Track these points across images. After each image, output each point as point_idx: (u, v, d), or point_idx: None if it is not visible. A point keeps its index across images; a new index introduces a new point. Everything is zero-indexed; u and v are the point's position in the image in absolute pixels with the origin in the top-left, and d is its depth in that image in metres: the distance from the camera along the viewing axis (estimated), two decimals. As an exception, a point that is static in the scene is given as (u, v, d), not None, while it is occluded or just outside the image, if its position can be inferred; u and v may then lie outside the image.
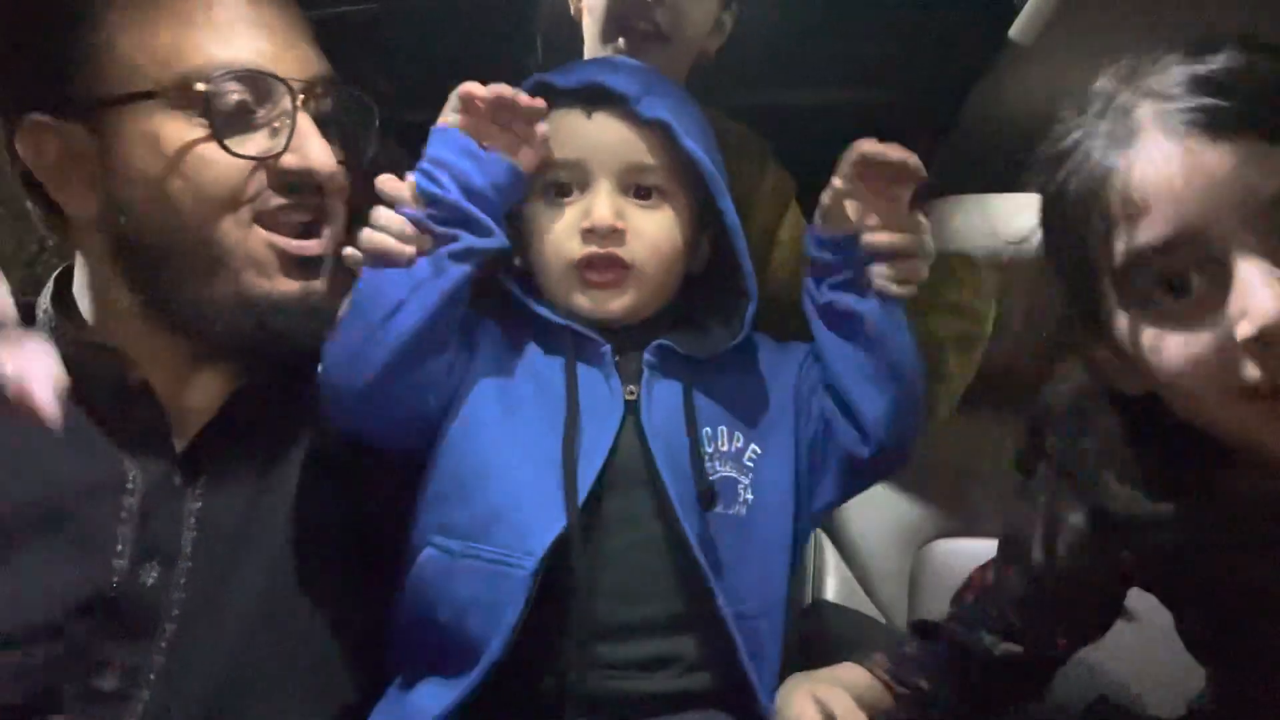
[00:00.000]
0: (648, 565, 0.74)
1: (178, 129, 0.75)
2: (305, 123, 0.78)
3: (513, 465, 0.75)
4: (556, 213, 0.82)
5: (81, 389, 0.77)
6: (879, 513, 1.33)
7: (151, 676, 0.71)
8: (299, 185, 0.78)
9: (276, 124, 0.77)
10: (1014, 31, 1.17)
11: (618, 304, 0.81)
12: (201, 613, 0.74)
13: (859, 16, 1.26)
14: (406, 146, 1.50)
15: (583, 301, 0.81)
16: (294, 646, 0.76)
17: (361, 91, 0.85)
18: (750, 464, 0.80)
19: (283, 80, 0.77)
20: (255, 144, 0.77)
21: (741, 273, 0.83)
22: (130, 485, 0.75)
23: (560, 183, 0.82)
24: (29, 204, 0.83)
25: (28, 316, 0.83)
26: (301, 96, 0.78)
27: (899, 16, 1.27)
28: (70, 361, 0.78)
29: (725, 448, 0.79)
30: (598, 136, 0.81)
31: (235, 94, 0.76)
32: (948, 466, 1.33)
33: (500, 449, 0.76)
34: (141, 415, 0.78)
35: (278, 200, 0.78)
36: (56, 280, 0.84)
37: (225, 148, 0.75)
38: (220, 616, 0.74)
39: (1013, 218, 1.29)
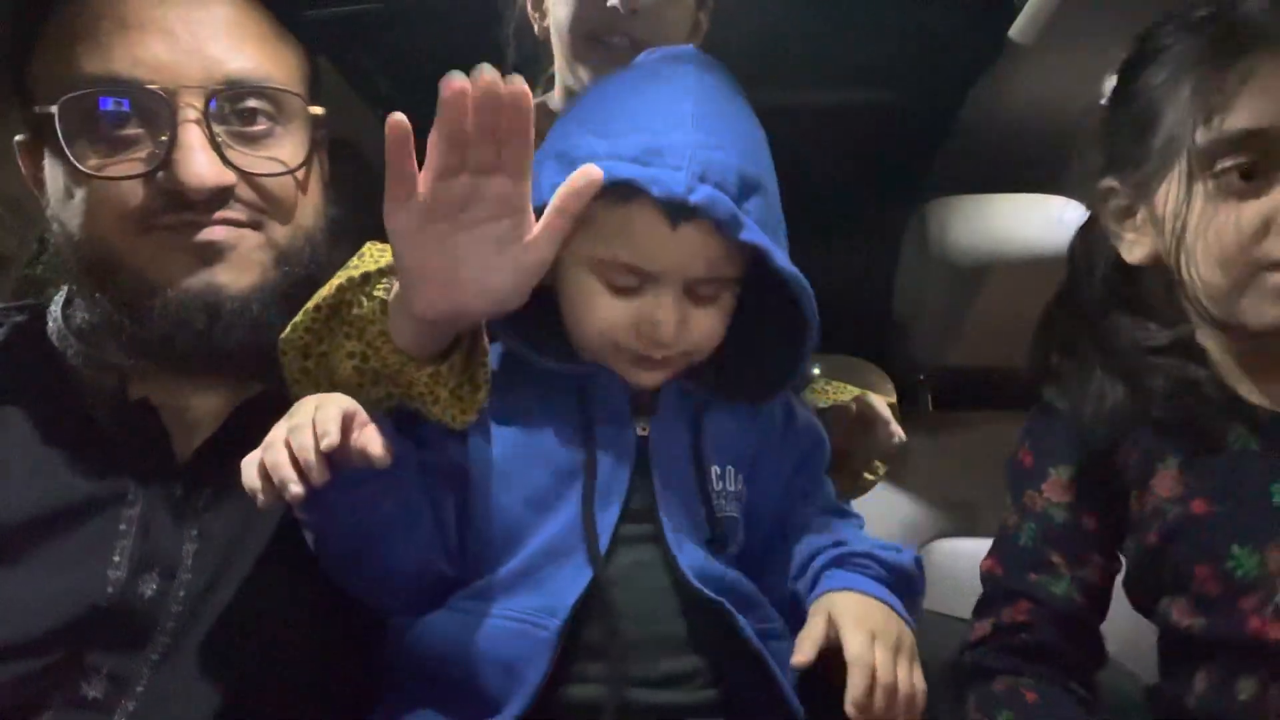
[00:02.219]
0: (658, 590, 0.72)
1: (53, 152, 0.74)
2: (188, 135, 0.72)
3: (530, 525, 0.72)
4: (609, 299, 0.74)
5: (82, 403, 0.77)
6: (879, 513, 1.33)
7: (139, 688, 0.71)
8: (184, 202, 0.73)
9: (163, 137, 0.72)
10: (1014, 31, 1.17)
11: (662, 377, 0.77)
12: (196, 626, 0.73)
13: (859, 17, 1.26)
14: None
15: (628, 375, 0.76)
16: (286, 664, 0.74)
17: (287, 89, 0.78)
18: (744, 504, 0.79)
19: (156, 91, 0.72)
20: (132, 161, 0.73)
21: (800, 304, 0.75)
22: (131, 497, 0.75)
23: (624, 285, 0.73)
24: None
25: (35, 318, 0.83)
26: (196, 104, 0.73)
27: (899, 16, 1.27)
28: (72, 375, 0.78)
29: (732, 487, 0.77)
30: (680, 250, 0.72)
31: (99, 111, 0.72)
32: (948, 466, 1.33)
33: (516, 508, 0.73)
34: (141, 430, 0.77)
35: (169, 217, 0.74)
36: (69, 289, 0.84)
37: (79, 169, 0.72)
38: (214, 630, 0.73)
39: (1013, 218, 1.30)
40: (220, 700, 0.71)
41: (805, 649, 0.65)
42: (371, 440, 0.63)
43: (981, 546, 1.23)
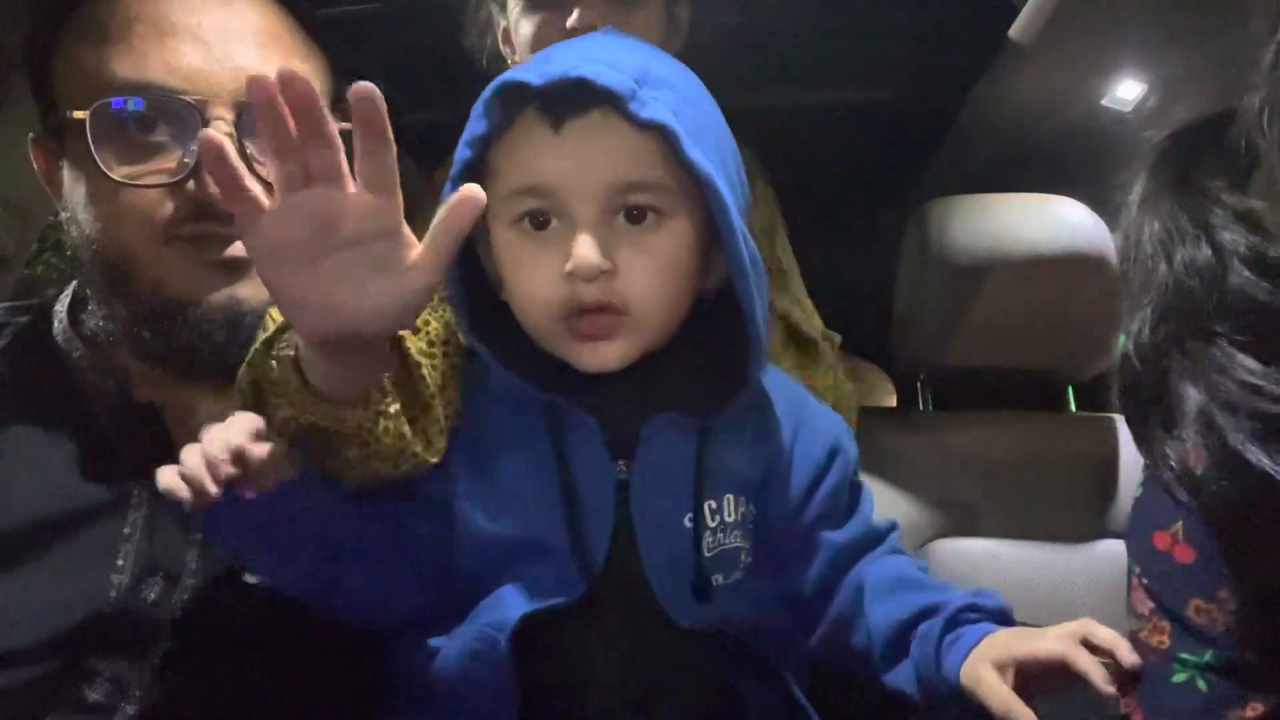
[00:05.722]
0: (654, 634, 0.69)
1: (82, 156, 0.73)
2: None
3: (514, 560, 0.69)
4: (533, 249, 0.67)
5: (87, 406, 0.77)
6: (879, 513, 1.33)
7: (140, 692, 0.71)
8: (211, 213, 0.73)
9: (193, 146, 0.72)
10: (1014, 31, 1.17)
11: (614, 355, 0.68)
12: (198, 631, 0.73)
13: (859, 16, 1.26)
14: (405, 147, 1.51)
15: (575, 357, 0.68)
16: (287, 670, 0.74)
17: (336, 103, 0.79)
18: (751, 526, 0.73)
19: (188, 100, 0.72)
20: (161, 169, 0.73)
21: (744, 318, 0.68)
22: (134, 501, 0.75)
23: (532, 212, 0.67)
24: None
25: (39, 319, 0.83)
26: (227, 115, 0.72)
27: (899, 16, 1.27)
28: (77, 377, 0.78)
29: (730, 517, 0.71)
30: (572, 157, 0.64)
31: (129, 118, 0.71)
32: (948, 466, 1.33)
33: (497, 546, 0.70)
34: (145, 433, 0.77)
35: (194, 227, 0.74)
36: (76, 288, 0.84)
37: (107, 176, 0.72)
38: (216, 636, 0.74)
39: (1013, 218, 1.29)
40: (221, 706, 0.71)
41: (1021, 710, 0.58)
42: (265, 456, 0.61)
43: (982, 546, 1.23)
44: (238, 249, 0.74)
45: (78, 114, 0.72)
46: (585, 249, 0.64)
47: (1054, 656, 0.58)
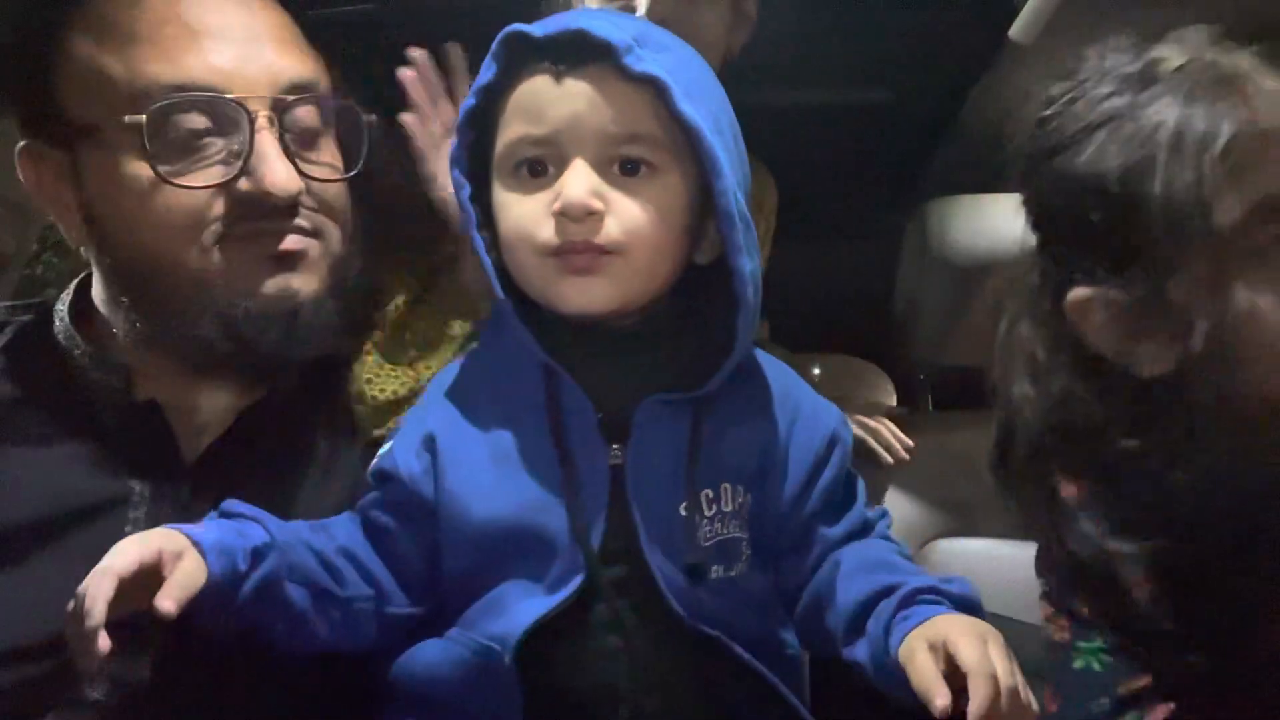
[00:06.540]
0: (657, 628, 0.69)
1: (126, 161, 0.73)
2: (265, 144, 0.73)
3: (508, 556, 0.69)
4: (527, 195, 0.69)
5: (89, 403, 0.77)
6: (879, 512, 1.33)
7: (141, 690, 0.71)
8: (262, 210, 0.75)
9: (236, 145, 0.73)
10: (1014, 31, 1.17)
11: (600, 293, 0.69)
12: (197, 630, 0.73)
13: (859, 16, 1.26)
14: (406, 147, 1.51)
15: (563, 292, 0.69)
16: (288, 667, 0.74)
17: (347, 96, 0.81)
18: (748, 516, 0.73)
19: (235, 100, 0.73)
20: (210, 170, 0.73)
21: (731, 274, 0.69)
22: (136, 499, 0.75)
23: (531, 160, 0.70)
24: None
25: (41, 318, 0.83)
26: (266, 113, 0.74)
27: (899, 16, 1.27)
28: (79, 375, 0.78)
29: (728, 507, 0.71)
30: (570, 105, 0.67)
31: (181, 120, 0.72)
32: (948, 466, 1.33)
33: (492, 539, 0.70)
34: (147, 430, 0.77)
35: (245, 225, 0.74)
36: (77, 287, 0.84)
37: (166, 180, 0.72)
38: (215, 635, 0.74)
39: (1013, 218, 1.30)
40: (222, 703, 0.71)
41: (939, 690, 0.56)
42: (163, 596, 0.59)
43: (981, 546, 1.23)
44: (290, 243, 0.75)
45: (132, 119, 0.71)
46: (574, 187, 0.67)
47: (968, 668, 0.57)
